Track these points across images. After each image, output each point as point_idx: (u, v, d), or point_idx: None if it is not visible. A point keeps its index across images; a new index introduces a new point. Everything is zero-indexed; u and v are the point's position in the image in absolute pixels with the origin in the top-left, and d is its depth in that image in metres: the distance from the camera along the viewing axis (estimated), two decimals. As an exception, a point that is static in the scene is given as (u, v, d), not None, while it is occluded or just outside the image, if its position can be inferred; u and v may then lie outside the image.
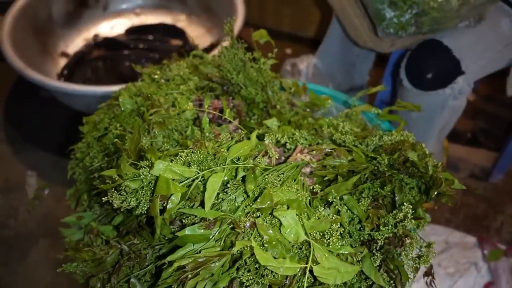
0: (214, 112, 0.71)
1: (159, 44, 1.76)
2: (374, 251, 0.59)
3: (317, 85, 0.97)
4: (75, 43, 1.80)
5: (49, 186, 1.35)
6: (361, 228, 0.60)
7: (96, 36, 1.80)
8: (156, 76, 0.85)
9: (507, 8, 0.96)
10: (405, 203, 0.57)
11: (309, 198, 0.62)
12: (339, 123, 0.71)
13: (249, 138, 0.64)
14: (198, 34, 1.86)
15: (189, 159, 0.57)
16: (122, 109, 0.77)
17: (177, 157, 0.57)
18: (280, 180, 0.61)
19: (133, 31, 1.83)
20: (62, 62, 1.73)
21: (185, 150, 0.58)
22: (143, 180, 0.55)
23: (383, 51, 1.04)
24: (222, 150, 0.59)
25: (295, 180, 0.63)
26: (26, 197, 1.34)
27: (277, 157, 0.69)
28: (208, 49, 1.65)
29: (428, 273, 0.61)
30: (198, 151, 0.57)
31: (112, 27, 1.90)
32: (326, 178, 0.64)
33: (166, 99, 0.73)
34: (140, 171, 0.55)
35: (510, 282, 1.11)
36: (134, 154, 0.57)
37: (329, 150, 0.64)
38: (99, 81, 1.64)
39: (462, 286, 1.13)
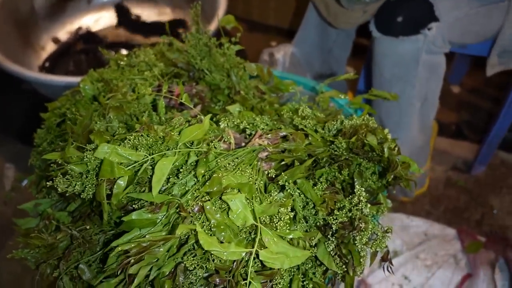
0: (171, 96, 0.70)
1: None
2: (329, 236, 0.57)
3: (286, 73, 0.95)
4: (59, 36, 1.79)
5: (27, 178, 1.34)
6: (316, 213, 0.59)
7: (79, 29, 1.79)
8: (122, 63, 0.84)
9: None
10: (357, 187, 0.56)
11: (264, 182, 0.61)
12: (300, 107, 0.69)
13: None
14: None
15: (136, 143, 0.55)
16: (83, 94, 0.75)
17: (125, 141, 0.56)
18: (235, 164, 0.60)
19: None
20: (45, 54, 1.72)
21: (133, 133, 0.56)
22: (88, 164, 0.54)
23: (358, 22, 1.01)
24: (172, 133, 0.58)
25: (251, 165, 0.62)
26: (3, 190, 1.33)
27: (237, 142, 0.68)
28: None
29: (385, 258, 0.59)
30: (146, 134, 0.56)
31: (96, 20, 1.88)
32: (284, 162, 0.62)
33: (124, 84, 0.71)
34: (84, 154, 0.54)
35: (487, 274, 1.10)
36: (82, 137, 0.55)
37: (285, 134, 0.63)
38: (81, 74, 1.62)
39: (440, 278, 1.11)
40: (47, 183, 0.54)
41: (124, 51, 1.72)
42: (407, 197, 1.29)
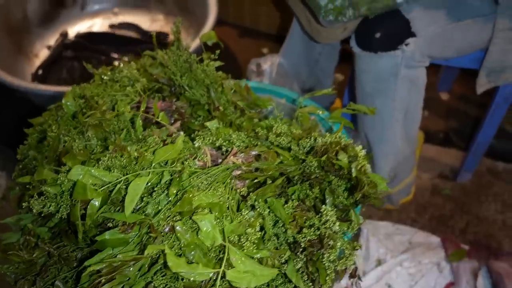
0: (148, 115, 0.71)
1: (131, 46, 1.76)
2: (298, 254, 0.59)
3: (270, 85, 0.97)
4: (52, 43, 1.80)
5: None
6: (286, 231, 0.60)
7: (65, 35, 1.79)
8: (105, 77, 0.86)
9: None
10: (324, 207, 0.57)
11: (237, 201, 0.62)
12: (275, 124, 0.71)
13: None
14: (175, 34, 1.86)
15: (110, 164, 0.57)
16: (66, 111, 0.77)
17: (100, 162, 0.58)
18: (208, 183, 0.61)
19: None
20: (38, 62, 1.73)
21: (107, 155, 0.58)
22: (62, 185, 0.56)
23: (339, 39, 1.03)
24: (146, 154, 0.59)
25: (224, 183, 0.63)
26: (-5, 198, 1.34)
27: (214, 159, 0.70)
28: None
29: (353, 275, 0.61)
30: (119, 155, 0.57)
31: (89, 26, 1.90)
32: (257, 180, 0.64)
33: (104, 102, 0.73)
34: (59, 175, 0.56)
35: (470, 283, 1.11)
36: (52, 159, 0.57)
37: (256, 153, 0.64)
38: (74, 81, 1.65)
39: (423, 286, 1.13)
40: (23, 204, 0.56)
41: (115, 55, 1.73)
42: (393, 205, 1.31)
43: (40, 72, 1.67)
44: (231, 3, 1.91)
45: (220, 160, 0.70)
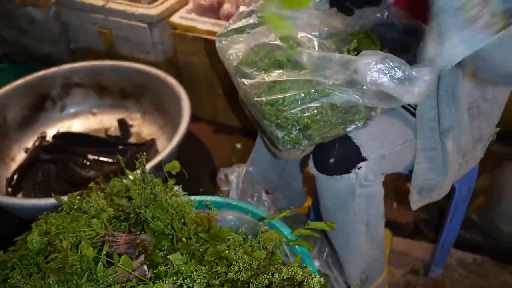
0: (105, 258, 0.73)
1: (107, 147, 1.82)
2: None
3: (236, 200, 1.01)
4: (30, 146, 1.84)
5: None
6: None
7: (43, 137, 1.84)
8: (74, 207, 0.89)
9: (401, 110, 1.04)
10: None
11: None
12: (234, 258, 0.73)
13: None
14: (151, 132, 1.94)
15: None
16: (30, 248, 0.79)
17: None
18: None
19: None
20: (14, 165, 1.76)
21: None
22: None
23: (299, 158, 1.09)
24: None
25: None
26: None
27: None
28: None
29: None
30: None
31: (68, 127, 1.96)
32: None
33: (69, 242, 0.75)
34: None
35: None
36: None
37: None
38: (49, 184, 1.66)
39: None
40: None
41: (92, 157, 1.77)
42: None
43: (15, 176, 1.69)
44: (205, 102, 2.02)
45: (182, 299, 0.71)
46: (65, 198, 0.91)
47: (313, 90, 0.91)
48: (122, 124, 1.95)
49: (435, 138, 1.00)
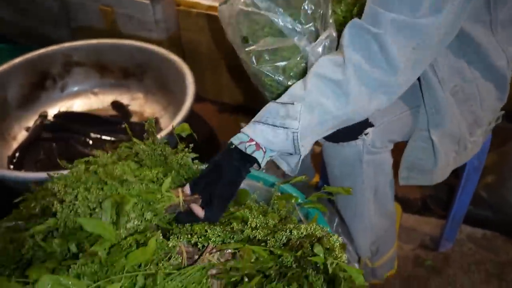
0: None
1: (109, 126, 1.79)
2: None
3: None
4: (31, 125, 1.81)
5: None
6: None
7: (44, 116, 1.81)
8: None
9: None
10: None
11: (214, 303, 0.61)
12: (250, 217, 0.71)
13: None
14: (154, 112, 1.90)
15: (79, 271, 0.56)
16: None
17: (70, 270, 0.56)
18: (183, 286, 0.60)
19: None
20: (16, 144, 1.73)
21: (77, 262, 0.56)
22: (28, 298, 0.54)
23: None
24: (119, 258, 0.58)
25: (200, 283, 0.62)
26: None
27: (190, 257, 0.69)
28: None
29: None
30: (90, 262, 0.56)
31: (69, 107, 1.93)
32: (234, 279, 0.63)
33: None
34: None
35: None
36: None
37: (233, 252, 0.64)
38: (52, 162, 1.63)
39: None
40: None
41: (94, 135, 1.74)
42: (377, 279, 1.29)
43: (16, 154, 1.66)
44: (209, 81, 1.98)
45: (196, 257, 0.69)
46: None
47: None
48: (117, 106, 1.92)
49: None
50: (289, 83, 0.95)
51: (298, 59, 0.94)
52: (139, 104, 1.96)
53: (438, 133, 0.94)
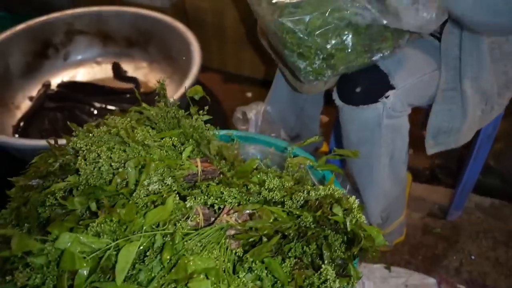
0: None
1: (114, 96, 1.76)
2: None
3: (257, 134, 0.97)
4: (34, 95, 1.78)
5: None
6: (286, 292, 0.58)
7: (47, 85, 1.78)
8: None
9: (431, 38, 0.99)
10: (323, 266, 0.56)
11: (233, 262, 0.60)
12: (267, 179, 0.70)
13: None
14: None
15: (99, 230, 0.55)
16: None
17: (89, 228, 0.55)
18: (202, 245, 0.59)
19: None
20: (20, 113, 1.71)
21: (96, 220, 0.56)
22: (48, 255, 0.53)
23: (322, 90, 1.05)
24: (137, 217, 0.58)
25: (219, 244, 0.61)
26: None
27: (206, 218, 0.68)
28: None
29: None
30: (109, 220, 0.55)
31: (72, 77, 1.90)
32: (252, 239, 0.62)
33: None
34: (46, 245, 0.53)
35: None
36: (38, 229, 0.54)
37: (251, 212, 0.63)
38: (57, 132, 1.62)
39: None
40: (7, 277, 0.53)
41: (98, 105, 1.72)
42: (387, 246, 1.29)
43: (21, 124, 1.64)
44: (214, 50, 1.94)
45: (213, 219, 0.68)
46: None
47: (334, 11, 0.85)
48: (116, 67, 1.89)
49: (457, 77, 0.95)
50: (310, 39, 0.91)
51: (325, 14, 0.88)
52: (144, 73, 1.93)
53: (473, 86, 0.92)
